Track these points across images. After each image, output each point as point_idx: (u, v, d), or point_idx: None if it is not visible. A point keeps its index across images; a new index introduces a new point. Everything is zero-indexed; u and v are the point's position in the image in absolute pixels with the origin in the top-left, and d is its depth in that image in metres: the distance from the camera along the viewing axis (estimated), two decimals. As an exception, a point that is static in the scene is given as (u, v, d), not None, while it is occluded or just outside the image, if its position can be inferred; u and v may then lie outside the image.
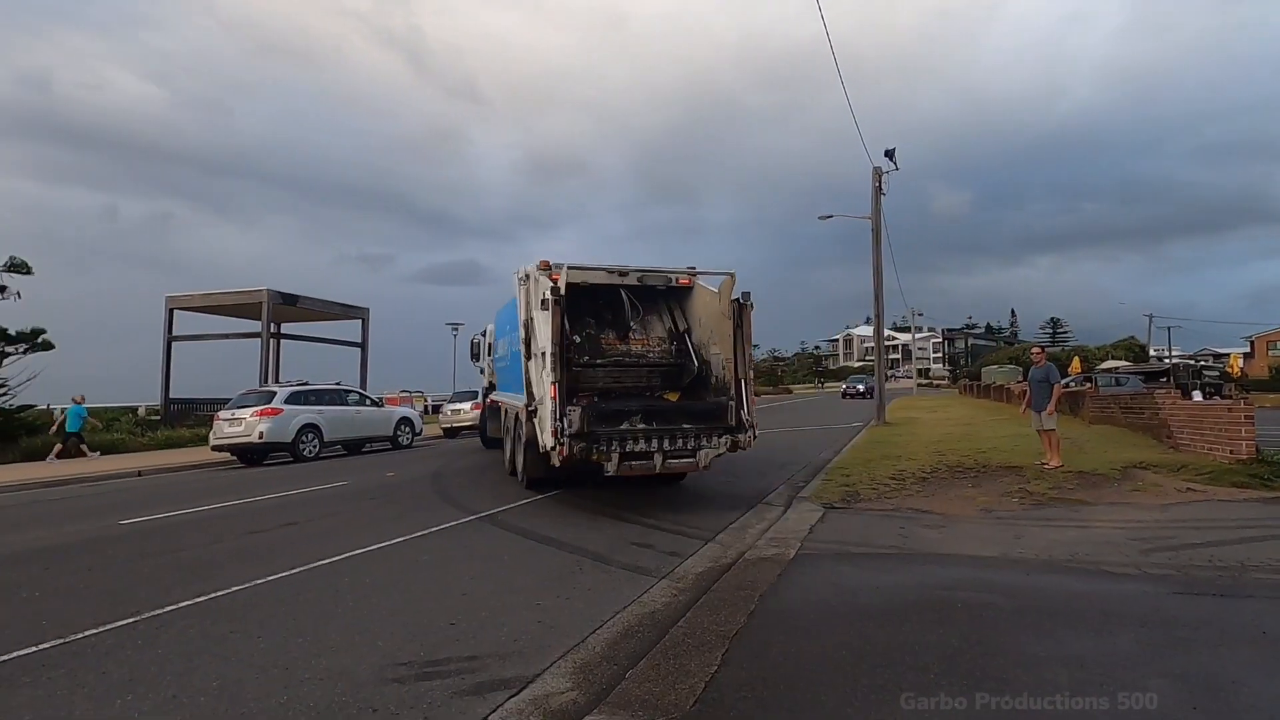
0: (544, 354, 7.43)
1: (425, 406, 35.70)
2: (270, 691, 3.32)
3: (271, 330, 24.79)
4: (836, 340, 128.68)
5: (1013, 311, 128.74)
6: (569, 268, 7.80)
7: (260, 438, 14.67)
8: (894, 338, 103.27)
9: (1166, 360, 47.09)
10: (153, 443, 20.00)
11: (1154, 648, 3.37)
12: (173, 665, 3.69)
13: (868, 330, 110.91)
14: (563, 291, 7.47)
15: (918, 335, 72.59)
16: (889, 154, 20.94)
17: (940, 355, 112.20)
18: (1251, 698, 2.81)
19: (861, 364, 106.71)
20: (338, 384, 17.86)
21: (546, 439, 7.39)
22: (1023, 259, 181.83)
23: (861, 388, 47.90)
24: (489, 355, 14.06)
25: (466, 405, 22.39)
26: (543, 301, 7.44)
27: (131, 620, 4.44)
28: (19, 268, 17.96)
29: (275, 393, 15.57)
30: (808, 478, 9.94)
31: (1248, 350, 62.65)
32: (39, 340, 18.59)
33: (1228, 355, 58.20)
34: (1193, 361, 46.87)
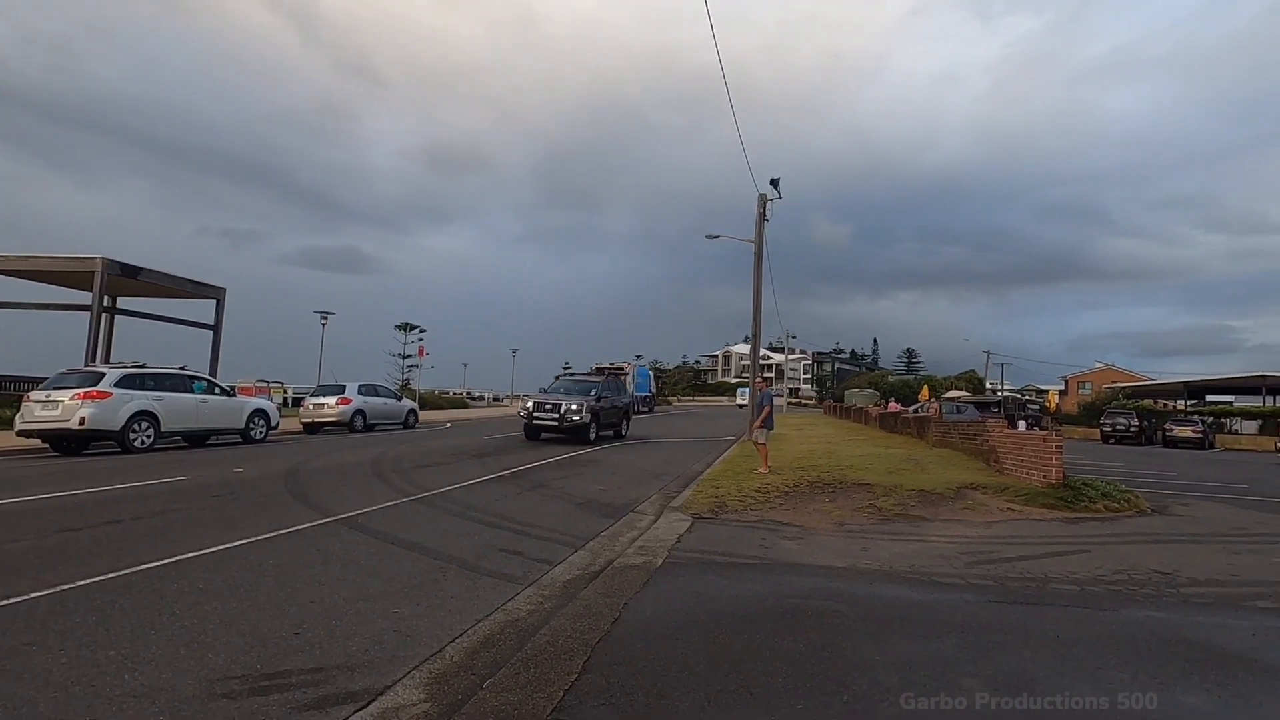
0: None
1: (285, 399, 33.25)
2: (68, 712, 2.93)
3: (105, 304, 22.05)
4: (716, 356, 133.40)
5: (875, 340, 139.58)
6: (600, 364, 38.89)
7: (81, 424, 12.96)
8: (769, 357, 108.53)
9: (998, 393, 52.85)
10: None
11: (971, 651, 3.75)
12: (-56, 684, 3.16)
13: (745, 349, 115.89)
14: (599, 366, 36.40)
15: (790, 356, 76.77)
16: (774, 183, 22.07)
17: (810, 376, 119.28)
18: (1046, 691, 3.20)
19: (738, 380, 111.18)
20: (182, 369, 16.15)
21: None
22: (888, 293, 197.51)
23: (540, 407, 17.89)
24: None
25: (331, 400, 21.01)
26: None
27: (-108, 632, 3.76)
28: None
29: (104, 374, 13.83)
30: (679, 488, 10.20)
31: (1063, 388, 71.75)
32: None
33: (1047, 392, 66.39)
34: (1019, 395, 52.96)
